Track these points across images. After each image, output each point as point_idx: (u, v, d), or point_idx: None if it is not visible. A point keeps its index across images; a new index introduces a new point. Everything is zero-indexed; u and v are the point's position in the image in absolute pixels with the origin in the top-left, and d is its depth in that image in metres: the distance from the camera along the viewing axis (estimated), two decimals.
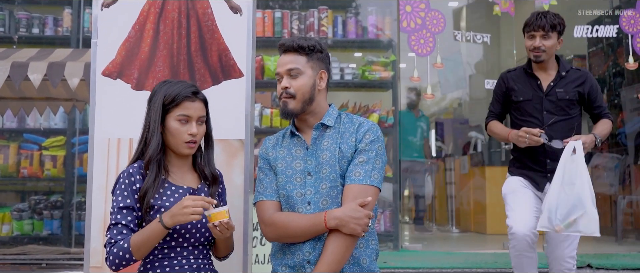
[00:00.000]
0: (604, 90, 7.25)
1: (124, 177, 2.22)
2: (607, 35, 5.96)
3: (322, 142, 2.33)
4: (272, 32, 5.83)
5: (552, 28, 3.38)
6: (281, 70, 2.37)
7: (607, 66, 7.26)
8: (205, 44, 2.92)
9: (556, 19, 3.42)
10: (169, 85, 2.28)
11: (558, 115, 3.37)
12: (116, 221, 2.17)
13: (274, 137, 2.48)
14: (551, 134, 3.33)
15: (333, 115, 2.38)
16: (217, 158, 2.84)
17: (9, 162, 6.00)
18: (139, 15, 2.93)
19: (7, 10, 6.10)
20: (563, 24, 3.45)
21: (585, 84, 3.43)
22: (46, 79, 3.73)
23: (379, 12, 6.04)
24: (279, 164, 2.35)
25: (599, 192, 6.13)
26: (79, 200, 5.87)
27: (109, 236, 2.16)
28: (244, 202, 2.82)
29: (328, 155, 2.29)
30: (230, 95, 2.88)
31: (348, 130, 2.34)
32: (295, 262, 2.26)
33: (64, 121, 6.07)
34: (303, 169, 2.31)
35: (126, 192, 2.19)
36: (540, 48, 3.37)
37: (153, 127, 2.24)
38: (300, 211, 2.26)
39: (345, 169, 2.27)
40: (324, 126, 2.35)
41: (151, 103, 2.28)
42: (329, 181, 2.26)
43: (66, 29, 6.03)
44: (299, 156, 2.34)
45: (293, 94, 2.32)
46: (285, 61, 2.37)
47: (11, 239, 5.73)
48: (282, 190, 2.32)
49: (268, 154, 2.41)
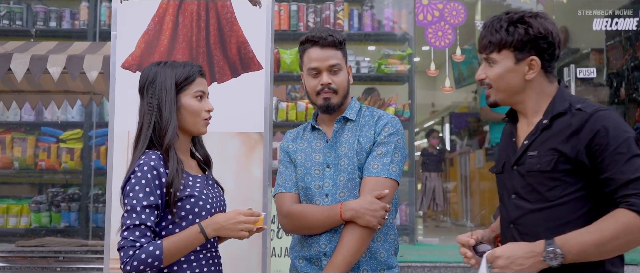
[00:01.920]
0: (622, 83, 7.17)
1: (145, 171, 1.98)
2: (626, 27, 5.89)
3: (342, 134, 2.33)
4: (288, 25, 5.82)
5: (501, 45, 1.91)
6: (322, 66, 2.30)
7: (625, 60, 7.18)
8: (224, 37, 2.92)
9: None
10: (170, 66, 2.13)
11: (529, 202, 1.88)
12: (141, 221, 1.94)
13: (295, 130, 2.47)
14: (520, 237, 1.89)
15: (355, 108, 2.37)
16: (236, 151, 2.84)
17: (27, 154, 6.05)
18: (158, 8, 2.93)
19: (25, 3, 6.15)
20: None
21: (581, 134, 1.81)
22: (65, 72, 3.75)
23: (395, 5, 6.01)
24: (298, 157, 2.35)
25: None
26: (95, 193, 5.91)
27: (132, 238, 1.92)
28: (263, 195, 2.82)
29: (347, 148, 2.28)
30: (249, 87, 2.88)
31: (368, 123, 2.33)
32: (311, 254, 2.26)
33: (81, 114, 6.11)
34: (322, 161, 2.30)
35: (149, 188, 1.97)
36: (484, 81, 1.98)
37: (168, 109, 2.07)
38: (318, 203, 2.26)
39: (363, 162, 2.26)
40: (345, 119, 2.35)
41: (152, 87, 2.10)
42: (347, 173, 2.25)
43: (83, 23, 6.06)
44: (318, 149, 2.33)
45: (335, 89, 2.29)
46: (325, 56, 2.30)
47: (29, 231, 5.78)
48: (301, 182, 2.31)
49: (288, 147, 2.41)
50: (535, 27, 1.86)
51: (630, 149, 1.75)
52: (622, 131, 1.77)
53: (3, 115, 6.13)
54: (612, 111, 1.82)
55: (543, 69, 1.91)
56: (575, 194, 1.81)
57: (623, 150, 1.75)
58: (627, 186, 1.72)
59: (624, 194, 1.73)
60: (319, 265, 2.24)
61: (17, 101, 5.06)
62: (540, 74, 1.91)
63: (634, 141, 1.77)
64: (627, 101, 6.73)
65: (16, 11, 6.06)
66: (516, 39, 1.87)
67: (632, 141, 1.77)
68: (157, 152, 2.04)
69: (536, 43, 1.87)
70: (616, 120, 1.80)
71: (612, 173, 1.75)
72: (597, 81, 6.75)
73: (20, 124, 6.20)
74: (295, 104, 5.59)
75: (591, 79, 6.03)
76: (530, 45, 1.87)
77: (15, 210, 5.89)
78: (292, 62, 5.59)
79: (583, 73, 5.48)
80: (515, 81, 1.91)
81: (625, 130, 1.78)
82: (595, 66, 6.51)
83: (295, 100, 5.78)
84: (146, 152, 2.03)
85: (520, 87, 1.92)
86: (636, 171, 1.73)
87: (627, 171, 1.73)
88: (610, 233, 1.71)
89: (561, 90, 1.93)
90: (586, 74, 5.52)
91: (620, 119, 1.82)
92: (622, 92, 6.82)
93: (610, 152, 1.75)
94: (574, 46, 7.13)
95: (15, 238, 5.53)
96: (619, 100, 6.78)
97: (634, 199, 1.71)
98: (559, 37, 1.91)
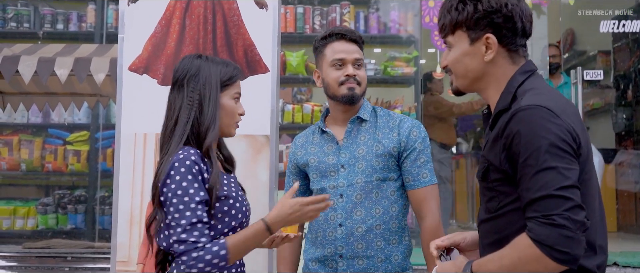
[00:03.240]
0: (629, 85, 7.15)
1: (188, 166, 1.84)
2: (633, 30, 5.86)
3: (358, 136, 2.33)
4: (294, 27, 5.82)
5: (454, 26, 1.74)
6: (348, 58, 2.32)
7: (632, 62, 7.15)
8: (231, 39, 2.93)
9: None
10: (212, 62, 2.03)
11: (482, 212, 1.72)
12: (198, 218, 1.79)
13: (304, 134, 2.47)
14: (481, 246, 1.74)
15: (368, 109, 2.38)
16: (242, 154, 2.84)
17: (34, 156, 6.07)
18: (165, 11, 2.95)
19: (32, 6, 6.17)
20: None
21: (501, 139, 1.58)
22: (72, 75, 3.76)
23: (401, 7, 6.01)
24: (311, 160, 2.36)
25: (624, 189, 6.06)
26: (102, 195, 5.92)
27: (193, 239, 1.77)
28: (269, 198, 2.82)
29: (365, 150, 2.29)
30: (256, 90, 2.89)
31: (387, 124, 2.33)
32: (325, 255, 2.26)
33: (87, 116, 6.12)
34: (336, 162, 2.31)
35: (197, 183, 1.83)
36: (447, 68, 1.79)
37: (213, 107, 1.95)
38: (333, 204, 2.26)
39: (383, 164, 2.27)
40: (360, 119, 2.35)
41: (195, 81, 1.97)
42: (364, 176, 2.26)
43: (90, 25, 6.08)
44: (330, 152, 2.34)
45: (359, 82, 2.33)
46: (350, 49, 2.33)
47: (36, 233, 5.79)
48: (316, 185, 2.33)
49: (297, 154, 2.42)
50: (485, 2, 1.64)
51: (539, 161, 1.45)
52: (536, 137, 1.47)
53: (10, 117, 6.15)
54: (534, 110, 1.50)
55: (505, 48, 1.66)
56: (512, 205, 1.56)
57: (531, 162, 1.46)
58: (529, 206, 1.46)
59: (527, 217, 1.46)
60: (334, 268, 2.24)
61: (24, 103, 5.08)
62: (502, 55, 1.66)
63: (549, 149, 1.45)
64: (634, 103, 6.71)
65: (24, 14, 6.09)
66: (466, 16, 1.66)
67: (544, 150, 1.45)
68: (195, 148, 1.91)
69: (490, 18, 1.64)
70: (533, 122, 1.49)
71: (521, 190, 1.49)
72: (604, 83, 6.72)
73: (27, 125, 6.21)
74: (301, 106, 5.60)
75: (598, 81, 6.01)
76: (483, 22, 1.65)
77: (22, 212, 5.91)
78: (298, 64, 5.60)
79: (590, 75, 5.46)
80: (474, 64, 1.68)
81: (542, 135, 1.47)
82: (602, 68, 6.49)
83: (301, 102, 5.78)
84: (183, 148, 1.90)
85: (480, 71, 1.68)
86: (541, 188, 1.43)
87: (532, 188, 1.45)
88: (508, 263, 1.48)
89: (513, 77, 1.65)
90: (593, 76, 5.50)
91: (540, 120, 1.49)
92: (629, 94, 6.79)
93: (522, 162, 1.48)
94: (580, 48, 7.10)
95: (22, 240, 5.55)
96: (626, 102, 6.76)
97: (531, 224, 1.44)
98: (519, 9, 1.66)
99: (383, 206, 2.26)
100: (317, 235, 2.31)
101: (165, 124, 1.98)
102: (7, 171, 6.11)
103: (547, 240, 1.40)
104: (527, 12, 1.68)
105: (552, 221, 1.41)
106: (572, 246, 1.40)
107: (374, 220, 2.24)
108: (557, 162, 1.45)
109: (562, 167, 1.45)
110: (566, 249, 1.40)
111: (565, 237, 1.40)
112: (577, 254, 1.41)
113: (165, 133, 1.96)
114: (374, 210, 2.24)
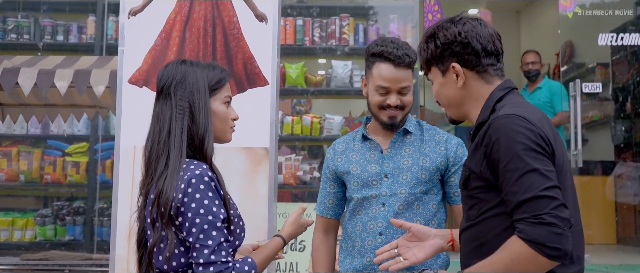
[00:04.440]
0: (628, 98, 7.16)
1: (207, 182, 1.77)
2: (632, 43, 5.88)
3: (402, 147, 2.32)
4: (294, 39, 5.84)
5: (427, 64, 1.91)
6: (393, 87, 2.24)
7: (631, 74, 7.17)
8: (231, 52, 2.94)
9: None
10: (197, 66, 1.92)
11: (464, 221, 1.81)
12: (225, 238, 1.74)
13: (343, 141, 2.43)
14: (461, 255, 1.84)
15: (412, 122, 2.37)
16: (241, 166, 2.85)
17: (33, 167, 6.06)
18: (165, 24, 2.96)
19: (32, 17, 6.19)
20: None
21: (481, 147, 1.67)
22: (72, 86, 3.77)
23: (400, 19, 6.03)
24: (352, 168, 2.33)
25: (623, 201, 6.06)
26: (100, 207, 5.91)
27: (224, 259, 1.72)
28: (268, 211, 2.82)
29: (410, 162, 2.29)
30: (255, 103, 2.90)
31: (433, 138, 2.34)
32: (364, 265, 2.25)
33: (86, 128, 6.13)
34: (379, 171, 2.30)
35: (218, 201, 1.77)
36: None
37: (204, 114, 1.85)
38: (374, 212, 2.27)
39: (428, 177, 2.28)
40: (406, 131, 2.34)
41: (182, 88, 1.86)
42: (409, 187, 2.26)
43: (90, 37, 6.10)
44: (373, 160, 2.32)
45: (402, 107, 2.27)
46: (397, 77, 2.23)
47: (34, 244, 5.78)
48: (357, 194, 2.31)
49: (337, 161, 2.38)
50: (441, 37, 1.78)
51: (521, 164, 1.53)
52: (514, 142, 1.55)
53: (9, 128, 6.15)
54: (513, 118, 1.60)
55: (474, 71, 1.77)
56: (492, 212, 1.64)
57: (513, 166, 1.54)
58: (518, 209, 1.52)
59: (515, 219, 1.53)
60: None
61: (23, 114, 5.08)
62: (473, 78, 1.77)
63: (527, 153, 1.54)
64: (633, 115, 6.72)
65: (24, 25, 6.10)
66: (431, 54, 1.82)
67: (522, 154, 1.54)
68: (197, 161, 1.83)
69: (450, 49, 1.77)
70: (510, 128, 1.58)
71: (506, 194, 1.56)
72: (603, 96, 6.74)
73: (26, 137, 6.22)
74: (300, 118, 5.60)
75: (597, 93, 6.02)
76: (445, 54, 1.78)
77: (20, 223, 5.90)
78: (297, 76, 5.61)
79: (589, 88, 5.48)
80: (451, 93, 1.80)
81: (518, 140, 1.55)
82: (601, 81, 6.50)
83: (300, 114, 5.79)
84: (190, 161, 1.82)
85: (459, 97, 1.80)
86: (527, 190, 1.51)
87: (518, 191, 1.52)
88: (501, 266, 1.54)
89: (492, 93, 1.76)
90: (592, 89, 5.52)
91: (520, 125, 1.58)
92: (628, 106, 6.81)
93: (502, 167, 1.56)
94: (579, 60, 7.13)
95: (20, 251, 5.52)
96: (624, 114, 6.77)
97: (521, 225, 1.50)
98: (474, 33, 1.76)
99: (424, 218, 2.26)
100: (354, 244, 2.29)
101: (155, 136, 1.85)
102: (5, 182, 6.10)
103: (539, 238, 1.47)
104: (485, 33, 1.77)
105: (541, 220, 1.48)
106: (562, 242, 1.48)
107: None
108: (537, 164, 1.53)
109: (543, 168, 1.53)
110: (557, 245, 1.47)
111: (555, 234, 1.47)
112: (567, 249, 1.49)
113: (156, 146, 1.83)
114: (414, 222, 2.23)
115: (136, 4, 2.97)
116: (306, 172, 5.37)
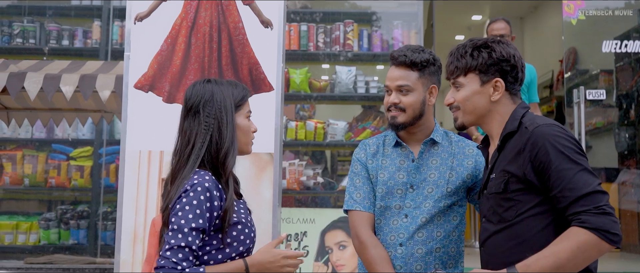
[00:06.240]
0: (632, 105, 7.16)
1: (198, 192, 1.91)
2: (635, 50, 5.89)
3: (429, 158, 2.31)
4: (298, 45, 5.85)
5: (467, 69, 2.03)
6: (391, 85, 2.31)
7: (634, 81, 7.17)
8: (236, 58, 2.95)
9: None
10: (223, 85, 2.09)
11: (493, 224, 1.95)
12: (186, 243, 1.85)
13: (374, 144, 2.41)
14: (487, 258, 1.99)
15: (440, 132, 2.36)
16: (246, 172, 2.86)
17: (37, 171, 6.08)
18: (171, 29, 2.97)
19: (38, 22, 6.22)
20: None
21: (524, 152, 1.85)
22: (78, 91, 3.79)
23: (404, 25, 6.04)
24: (380, 174, 2.32)
25: (627, 209, 6.05)
26: (105, 210, 5.92)
27: (175, 260, 1.83)
28: (272, 216, 2.83)
29: (436, 175, 2.28)
30: (260, 108, 2.90)
31: (462, 151, 2.33)
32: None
33: (91, 132, 6.15)
34: (406, 181, 2.29)
35: (199, 210, 1.89)
36: (453, 105, 2.10)
37: (231, 130, 2.02)
38: (395, 223, 2.26)
39: (454, 191, 2.27)
40: (433, 142, 2.33)
41: (210, 106, 2.02)
42: (433, 201, 2.25)
43: (95, 41, 6.13)
44: (403, 167, 2.31)
45: (403, 108, 2.28)
46: (395, 76, 2.30)
47: (38, 248, 5.79)
48: (381, 201, 2.30)
49: (368, 163, 2.36)
50: (498, 51, 1.96)
51: (574, 164, 1.76)
52: (563, 146, 1.79)
53: (14, 132, 6.18)
54: (553, 126, 1.84)
55: (508, 91, 1.99)
56: (531, 212, 1.84)
57: (566, 166, 1.76)
58: (577, 203, 1.74)
59: (575, 211, 1.74)
60: None
61: (29, 119, 5.10)
62: (505, 96, 1.99)
63: (577, 154, 1.79)
64: (636, 123, 6.71)
65: (29, 30, 6.13)
66: (480, 62, 1.97)
67: (574, 155, 1.78)
68: (209, 173, 1.98)
69: (500, 66, 1.96)
70: (556, 135, 1.81)
71: (561, 191, 1.76)
72: (607, 102, 6.74)
73: (31, 141, 6.24)
74: (304, 123, 5.61)
75: (601, 100, 6.02)
76: (494, 68, 1.96)
77: (24, 227, 5.91)
78: (301, 81, 5.62)
79: (592, 95, 5.49)
80: (482, 103, 1.99)
81: (566, 145, 1.79)
82: (604, 87, 6.50)
83: (304, 119, 5.80)
84: (198, 172, 1.96)
85: (486, 109, 2.00)
86: (584, 186, 1.74)
87: (576, 187, 1.74)
88: (567, 254, 1.71)
89: (516, 110, 1.98)
90: (596, 96, 5.53)
91: (562, 133, 1.83)
92: (632, 113, 6.80)
93: (554, 168, 1.77)
94: (583, 68, 7.13)
95: (24, 254, 5.54)
96: (628, 121, 6.76)
97: (585, 216, 1.72)
98: (521, 61, 2.00)
99: (445, 230, 2.25)
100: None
101: (181, 150, 2.02)
102: (10, 186, 6.12)
103: (604, 226, 1.70)
104: (523, 64, 2.02)
105: (603, 210, 1.71)
106: (618, 228, 1.72)
107: (434, 243, 2.23)
108: (586, 165, 1.78)
109: (590, 168, 1.78)
110: (617, 231, 1.71)
111: (614, 222, 1.71)
112: (621, 235, 1.73)
113: (180, 159, 2.01)
114: (435, 233, 2.23)
115: (142, 10, 2.99)
116: (310, 177, 5.38)
